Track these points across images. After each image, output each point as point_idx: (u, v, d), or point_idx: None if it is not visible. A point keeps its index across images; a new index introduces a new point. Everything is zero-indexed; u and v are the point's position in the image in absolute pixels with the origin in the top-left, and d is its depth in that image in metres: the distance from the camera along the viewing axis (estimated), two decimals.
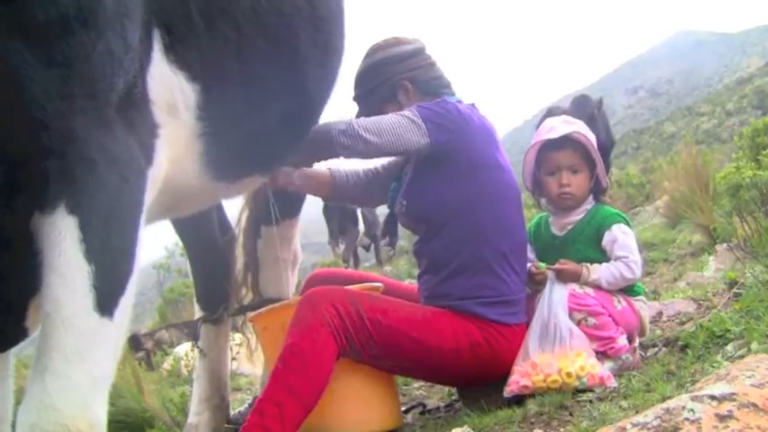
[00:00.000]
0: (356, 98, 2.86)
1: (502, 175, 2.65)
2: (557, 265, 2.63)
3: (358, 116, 2.82)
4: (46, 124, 1.44)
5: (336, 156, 2.73)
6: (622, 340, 2.59)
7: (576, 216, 2.77)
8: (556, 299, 2.55)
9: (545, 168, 2.77)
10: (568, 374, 2.43)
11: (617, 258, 2.64)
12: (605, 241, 2.68)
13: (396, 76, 2.76)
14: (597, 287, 2.63)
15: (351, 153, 2.63)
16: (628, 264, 2.63)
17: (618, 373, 2.51)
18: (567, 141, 2.71)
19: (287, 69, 2.31)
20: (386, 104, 2.76)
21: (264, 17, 2.15)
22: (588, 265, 2.64)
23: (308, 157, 2.77)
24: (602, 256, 2.68)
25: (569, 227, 2.78)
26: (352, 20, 2.76)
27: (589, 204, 2.77)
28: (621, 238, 2.67)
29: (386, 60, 2.78)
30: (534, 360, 2.48)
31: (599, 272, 2.62)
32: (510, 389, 2.49)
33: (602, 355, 2.53)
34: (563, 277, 2.61)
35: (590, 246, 2.71)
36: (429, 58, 2.83)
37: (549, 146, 2.73)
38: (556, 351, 2.47)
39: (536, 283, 2.70)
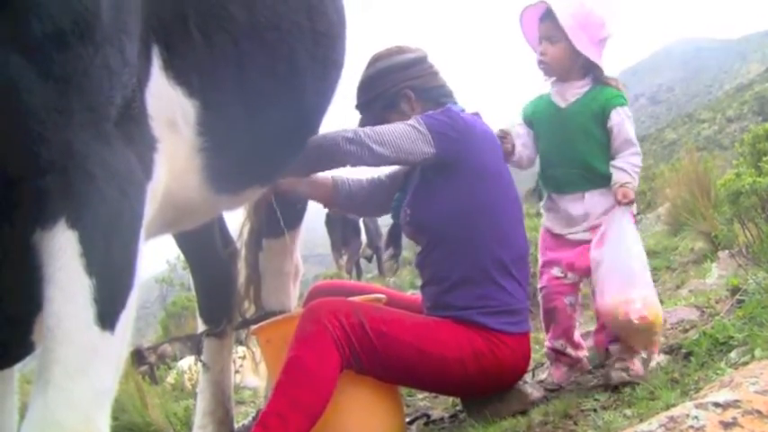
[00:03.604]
0: (358, 107, 2.86)
1: (504, 185, 2.66)
2: (620, 197, 2.68)
3: (360, 125, 2.82)
4: (44, 138, 1.44)
5: (343, 164, 2.73)
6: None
7: (579, 89, 2.87)
8: (630, 233, 2.65)
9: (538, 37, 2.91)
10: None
11: (622, 150, 2.75)
12: (612, 122, 2.77)
13: (398, 84, 2.76)
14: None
15: (357, 161, 2.64)
16: (638, 159, 2.75)
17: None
18: (549, 12, 2.81)
19: (286, 84, 2.32)
20: (388, 113, 2.77)
21: (263, 32, 2.16)
22: (622, 182, 2.70)
23: (315, 165, 2.77)
24: (602, 133, 2.80)
25: (572, 99, 2.88)
26: (352, 29, 2.77)
27: (587, 85, 2.87)
28: (627, 124, 2.77)
29: (388, 69, 2.79)
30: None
31: (635, 178, 2.72)
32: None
33: None
34: (630, 203, 2.70)
35: (593, 120, 2.81)
36: (431, 67, 2.83)
37: (541, 15, 2.86)
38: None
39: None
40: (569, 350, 2.90)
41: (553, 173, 2.94)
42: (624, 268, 2.59)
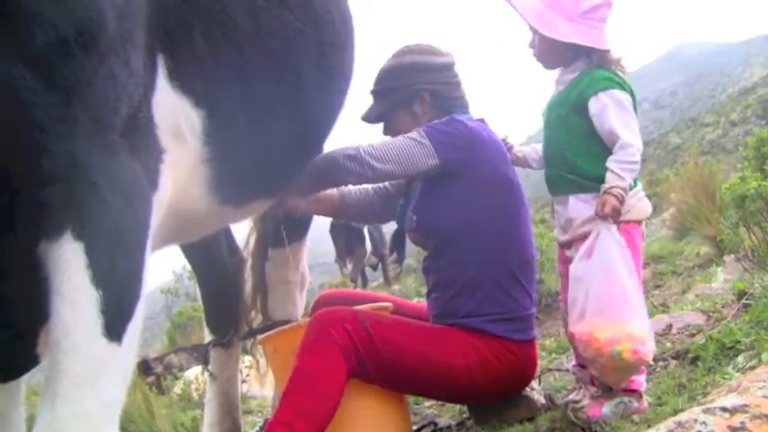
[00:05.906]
0: (373, 92, 2.83)
1: (512, 191, 2.64)
2: (598, 209, 2.29)
3: (368, 112, 2.81)
4: (49, 149, 1.44)
5: (345, 183, 2.74)
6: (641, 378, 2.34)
7: (570, 75, 2.52)
8: (614, 251, 2.26)
9: None
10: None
11: (611, 144, 2.36)
12: (592, 113, 2.40)
13: (419, 84, 2.72)
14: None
15: (359, 180, 2.64)
16: (626, 152, 2.32)
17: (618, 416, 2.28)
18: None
19: (291, 94, 2.32)
20: (400, 109, 2.75)
21: (268, 42, 2.16)
22: (605, 188, 2.30)
23: (317, 184, 2.76)
24: (585, 125, 2.43)
25: (561, 87, 2.55)
26: (360, 39, 2.76)
27: (578, 69, 2.50)
28: (611, 111, 2.37)
29: (414, 66, 2.74)
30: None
31: (623, 176, 2.29)
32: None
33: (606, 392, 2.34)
34: (611, 215, 2.27)
35: (572, 110, 2.47)
36: (456, 76, 2.79)
37: None
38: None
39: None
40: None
41: (546, 173, 2.64)
42: (617, 292, 2.23)
